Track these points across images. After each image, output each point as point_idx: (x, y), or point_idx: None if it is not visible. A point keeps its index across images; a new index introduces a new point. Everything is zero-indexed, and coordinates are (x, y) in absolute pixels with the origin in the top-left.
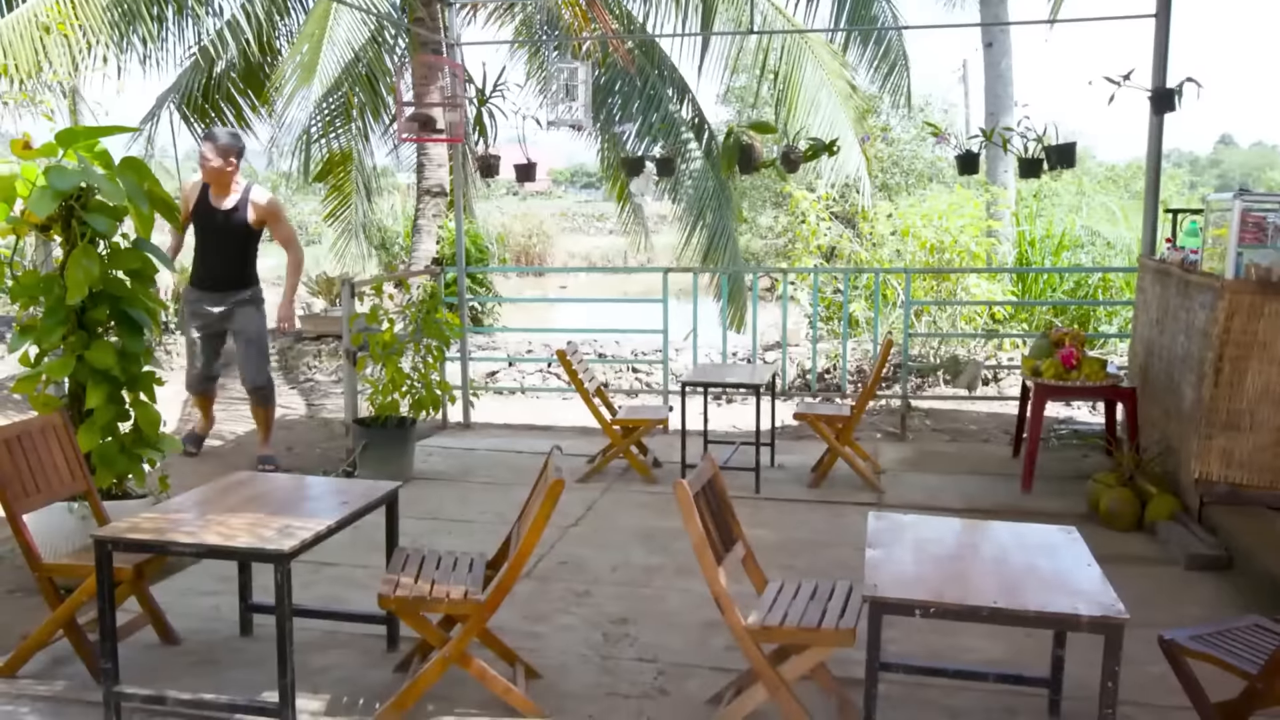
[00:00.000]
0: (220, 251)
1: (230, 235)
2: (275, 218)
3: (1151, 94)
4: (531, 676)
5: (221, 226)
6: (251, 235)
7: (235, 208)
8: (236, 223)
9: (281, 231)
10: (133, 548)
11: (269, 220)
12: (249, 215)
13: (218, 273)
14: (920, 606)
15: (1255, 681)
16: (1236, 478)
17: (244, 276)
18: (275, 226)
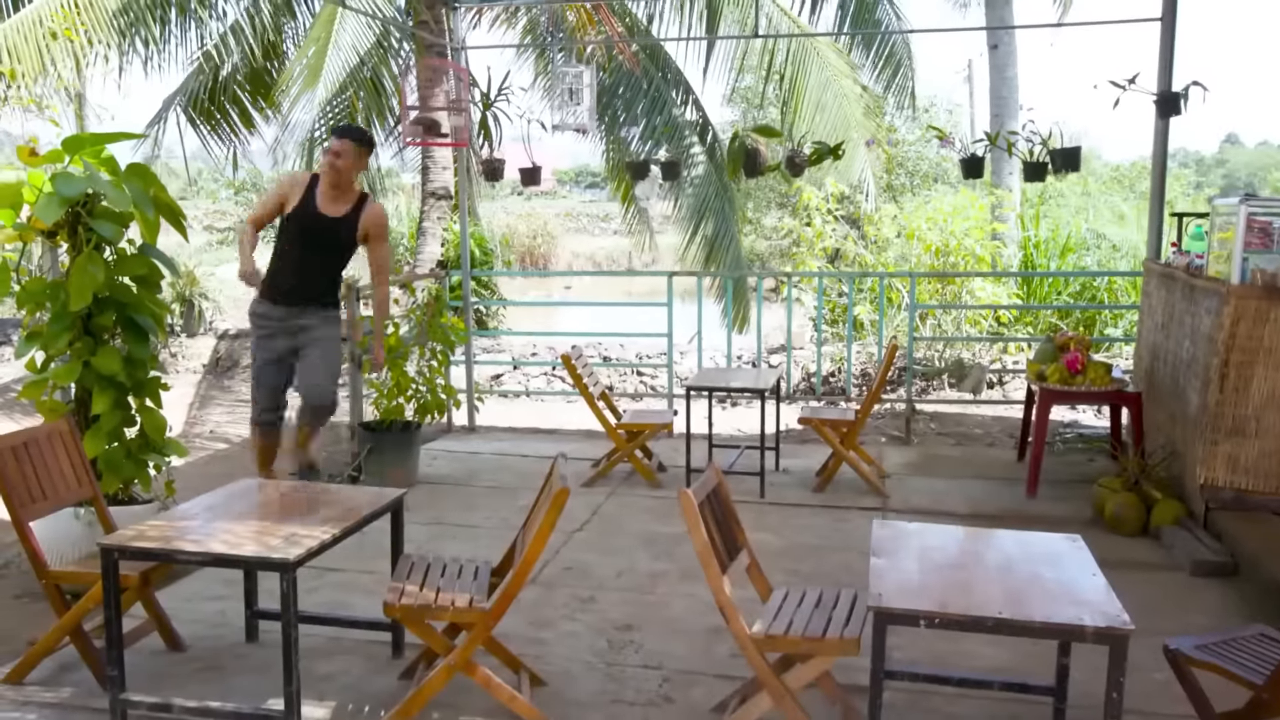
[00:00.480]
0: (314, 263)
1: (333, 247)
2: (381, 237)
3: (1157, 98)
4: (536, 684)
5: (325, 235)
6: (348, 251)
7: (346, 216)
8: (344, 234)
9: (380, 254)
10: (139, 556)
11: (375, 238)
12: (359, 229)
13: (304, 286)
14: (925, 617)
15: (1261, 692)
16: (1242, 483)
17: (331, 293)
18: (377, 246)
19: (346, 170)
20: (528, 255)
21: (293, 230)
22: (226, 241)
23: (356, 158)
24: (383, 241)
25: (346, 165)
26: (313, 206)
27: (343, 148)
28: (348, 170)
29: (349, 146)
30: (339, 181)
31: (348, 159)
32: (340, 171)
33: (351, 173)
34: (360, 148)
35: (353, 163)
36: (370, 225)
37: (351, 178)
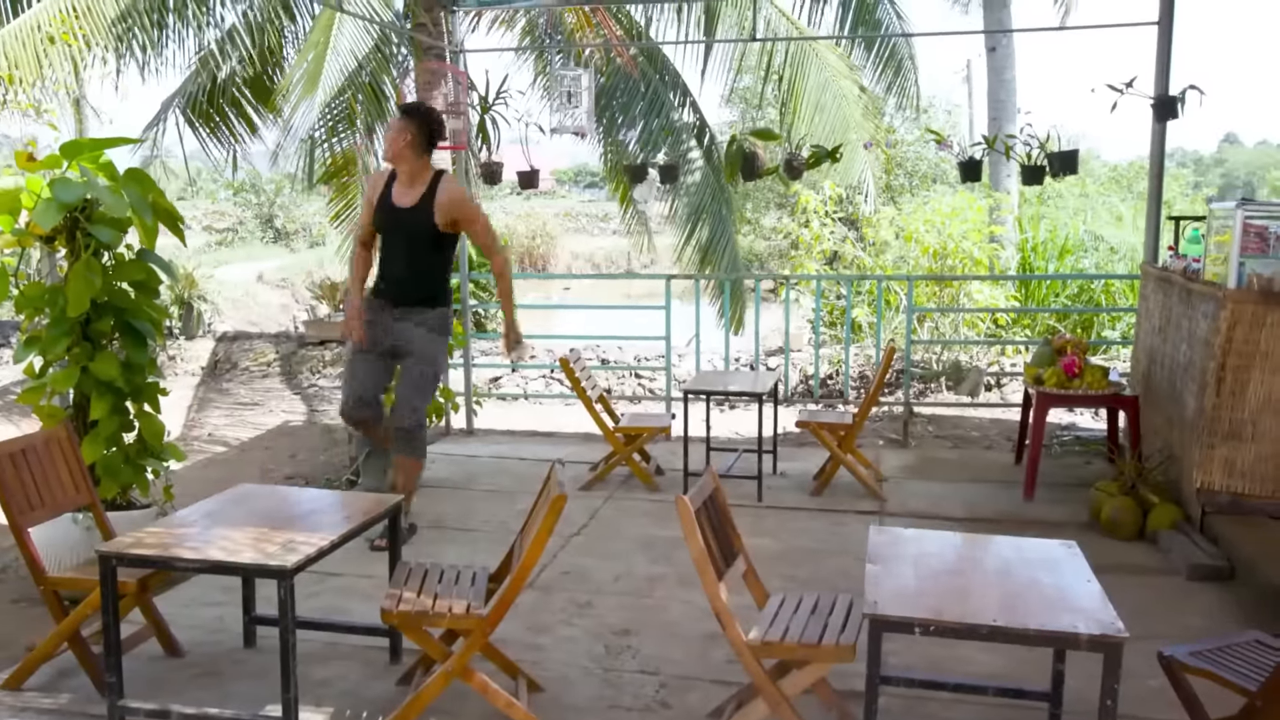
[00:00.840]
0: (402, 258)
1: (416, 240)
2: (467, 215)
3: (1154, 101)
4: (534, 689)
5: (404, 229)
6: (440, 241)
7: (419, 205)
8: (422, 224)
9: (477, 233)
10: (137, 563)
11: (461, 221)
12: (435, 215)
13: (399, 286)
14: (920, 624)
15: (1255, 699)
16: (1239, 487)
17: (429, 293)
18: (469, 228)
19: (395, 146)
20: (527, 256)
21: (380, 228)
22: (226, 242)
23: (400, 131)
24: (473, 221)
25: (391, 139)
26: (388, 200)
27: (390, 124)
28: (396, 146)
29: (393, 121)
30: (397, 162)
31: (391, 133)
32: (391, 149)
33: (406, 150)
34: (405, 119)
35: (397, 136)
36: (449, 210)
37: (411, 155)
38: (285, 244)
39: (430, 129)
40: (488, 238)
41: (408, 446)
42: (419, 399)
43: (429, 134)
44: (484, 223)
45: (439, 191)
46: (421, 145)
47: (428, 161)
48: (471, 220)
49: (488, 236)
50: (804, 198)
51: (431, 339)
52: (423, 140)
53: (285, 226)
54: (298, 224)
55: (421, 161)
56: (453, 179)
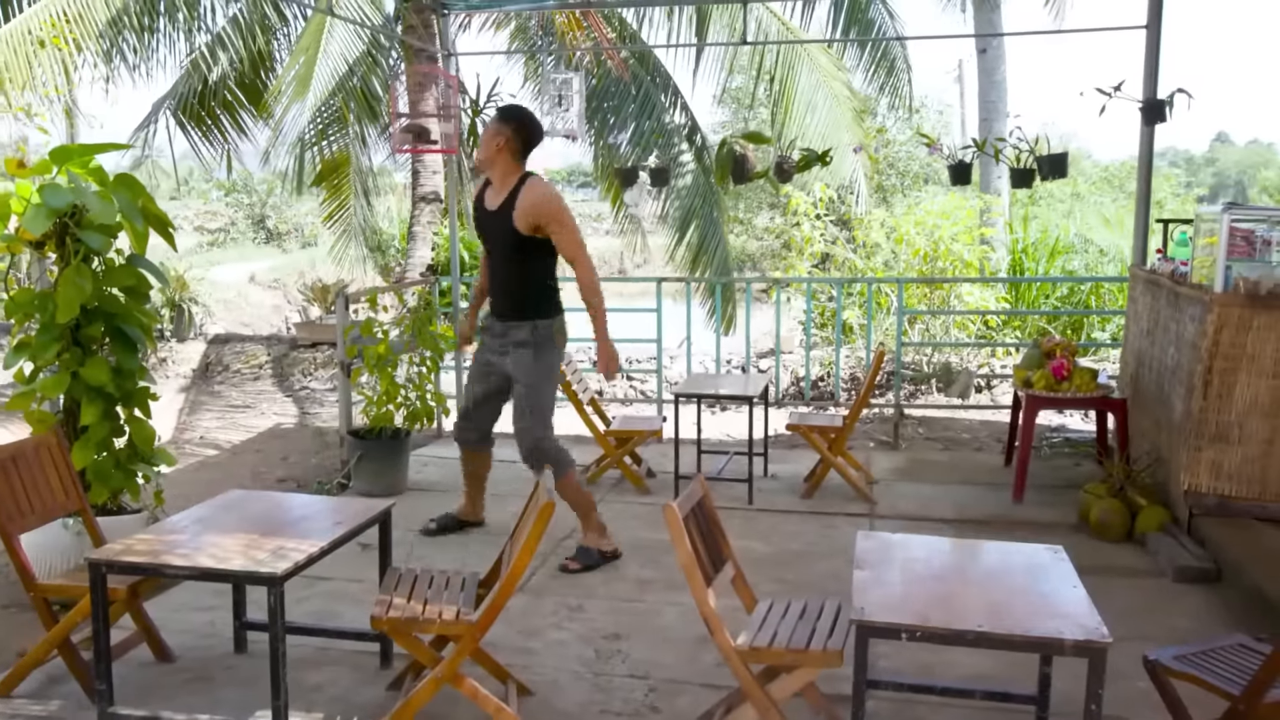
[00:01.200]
0: (495, 269)
1: (503, 245)
2: (552, 219)
3: (1142, 105)
4: (524, 694)
5: (493, 233)
6: (525, 248)
7: (502, 207)
8: (505, 227)
9: (563, 240)
10: (127, 570)
11: (546, 224)
12: (516, 219)
13: (495, 297)
14: (906, 630)
15: (1238, 703)
16: (1226, 489)
17: (520, 306)
18: (555, 232)
19: (487, 150)
20: None
21: (478, 236)
22: (218, 243)
23: (494, 135)
24: (560, 225)
25: (484, 143)
26: (480, 204)
27: (486, 127)
28: (489, 150)
29: (488, 124)
30: (488, 167)
31: (485, 137)
32: (484, 153)
33: (499, 154)
34: (500, 123)
35: (491, 140)
36: (530, 212)
37: (502, 160)
38: (277, 244)
39: (526, 133)
40: (573, 247)
41: (540, 466)
42: (524, 421)
43: (525, 138)
44: (570, 229)
45: (521, 193)
46: (516, 149)
47: (520, 166)
48: (557, 225)
49: (573, 246)
50: (794, 199)
51: (524, 355)
52: (518, 144)
53: (277, 227)
54: (290, 224)
55: (513, 166)
56: (540, 180)
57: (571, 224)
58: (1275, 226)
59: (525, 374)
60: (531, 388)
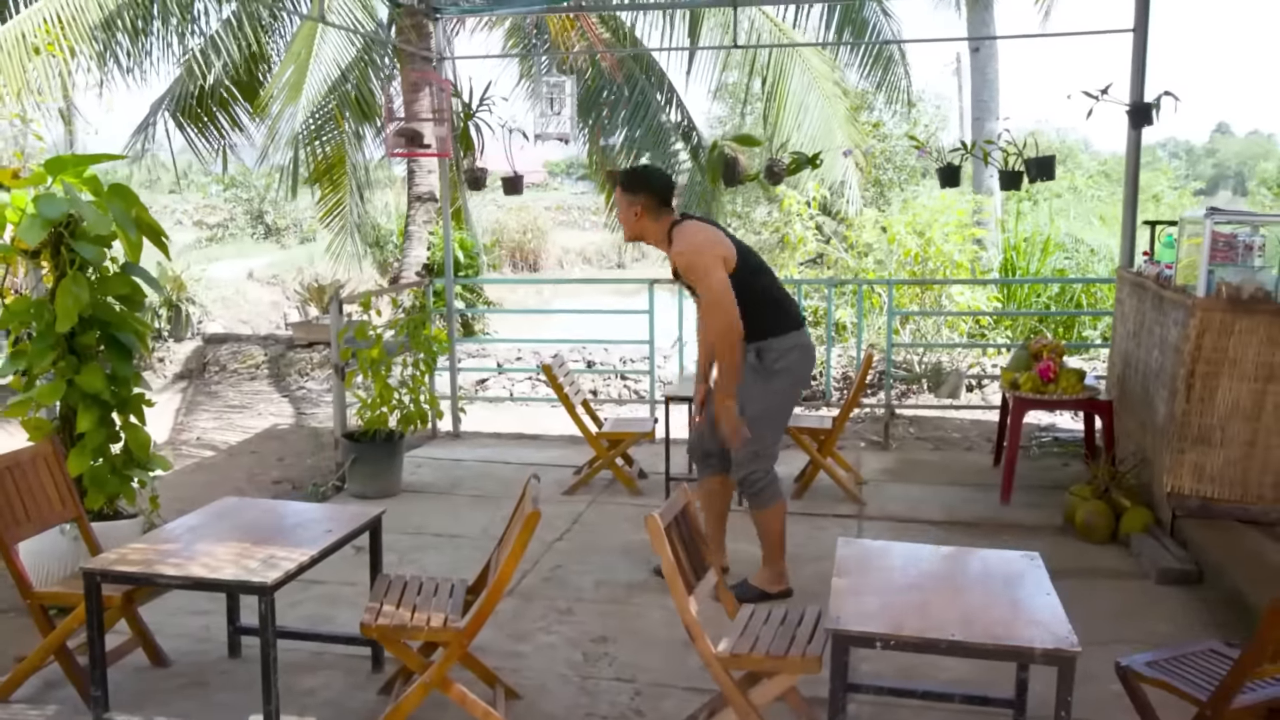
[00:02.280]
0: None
1: (695, 295)
2: (692, 269)
3: (1129, 108)
4: (512, 697)
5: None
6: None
7: (673, 265)
8: (684, 282)
9: (702, 292)
10: (121, 580)
11: (685, 272)
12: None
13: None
14: (881, 639)
15: (1205, 709)
16: (1208, 491)
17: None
18: (692, 281)
19: (630, 226)
20: (518, 251)
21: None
22: (216, 239)
23: (628, 207)
24: (695, 275)
25: (623, 219)
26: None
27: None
28: (631, 225)
29: (617, 197)
30: (640, 240)
31: (620, 211)
32: (630, 230)
33: (638, 224)
34: (628, 194)
35: (627, 213)
36: (679, 266)
37: (648, 226)
38: (276, 240)
39: (654, 189)
40: (711, 302)
41: (750, 494)
42: (739, 451)
43: (656, 195)
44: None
45: (673, 244)
46: (654, 208)
47: (667, 220)
48: (693, 271)
49: (711, 300)
50: (787, 199)
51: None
52: (653, 204)
53: (276, 222)
54: (288, 220)
55: (661, 225)
56: (682, 232)
57: (706, 275)
58: (1257, 232)
59: (747, 393)
60: (752, 405)
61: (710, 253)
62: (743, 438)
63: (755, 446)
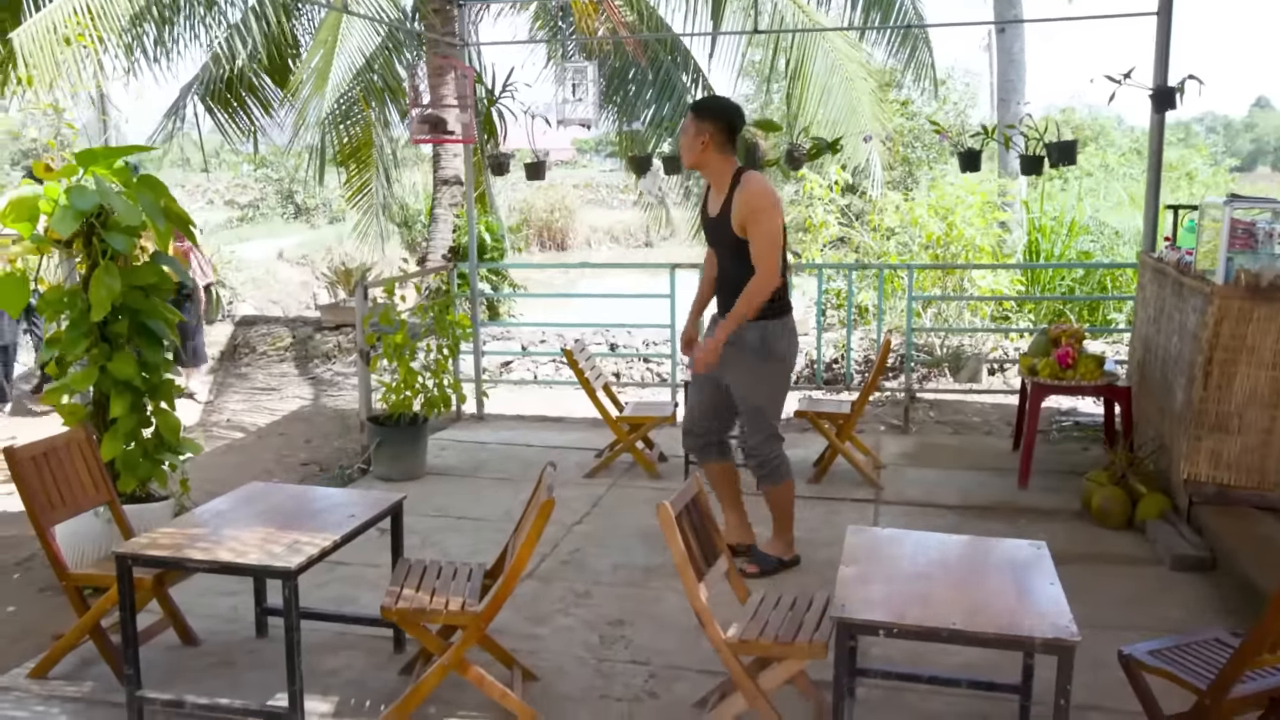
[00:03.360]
0: (723, 271)
1: (725, 250)
2: (750, 217)
3: (1152, 92)
4: (529, 679)
5: (718, 240)
6: (744, 249)
7: (722, 211)
8: (726, 233)
9: (756, 240)
10: (151, 564)
11: (747, 223)
12: (733, 224)
13: (721, 299)
14: (884, 627)
15: (1204, 698)
16: (1224, 478)
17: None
18: (751, 230)
19: (693, 153)
20: (545, 230)
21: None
22: (247, 218)
23: (695, 135)
24: (759, 222)
25: (687, 145)
26: (705, 209)
27: (688, 126)
28: (694, 153)
29: (685, 124)
30: (699, 169)
31: (686, 138)
32: (690, 157)
33: (706, 154)
34: (698, 120)
35: (694, 141)
36: (741, 210)
37: (712, 159)
38: (306, 220)
39: (728, 121)
40: (761, 250)
41: (758, 474)
42: (750, 429)
43: (728, 127)
44: (765, 232)
45: (738, 192)
46: (722, 141)
47: (732, 159)
48: (754, 224)
49: (761, 249)
50: (809, 183)
51: (743, 358)
52: (722, 136)
53: (305, 202)
54: (318, 199)
55: (727, 161)
56: (755, 177)
57: (769, 227)
58: (1277, 219)
59: (742, 379)
60: (747, 391)
61: (778, 206)
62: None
63: (765, 431)
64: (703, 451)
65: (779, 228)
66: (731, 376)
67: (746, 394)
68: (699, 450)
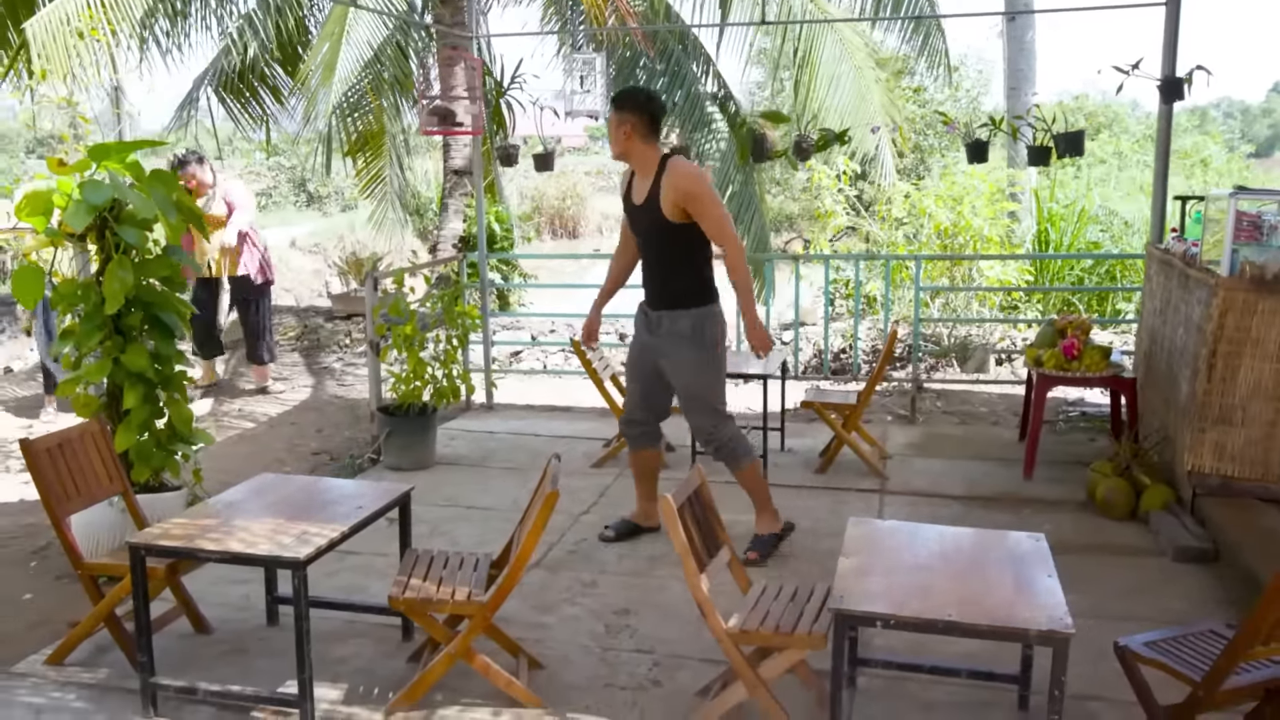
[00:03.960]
0: (649, 259)
1: (653, 237)
2: (692, 199)
3: (1160, 83)
4: (534, 667)
5: (644, 227)
6: (675, 235)
7: (649, 198)
8: (655, 221)
9: (707, 220)
10: (164, 554)
11: (689, 205)
12: (663, 208)
13: (649, 287)
14: (881, 619)
15: (1198, 689)
16: (1228, 470)
17: (676, 294)
18: (697, 212)
19: (619, 143)
20: (557, 218)
21: (629, 228)
22: (260, 206)
23: (618, 125)
24: (703, 203)
25: (612, 136)
26: (629, 197)
27: (614, 119)
28: (620, 143)
29: (610, 116)
30: (625, 158)
31: (611, 129)
32: (616, 147)
33: (630, 143)
34: (620, 112)
35: (617, 131)
36: (674, 195)
37: (635, 148)
38: (318, 208)
39: (649, 112)
40: (718, 226)
41: (722, 458)
42: (697, 416)
43: (650, 117)
44: (713, 207)
45: (664, 180)
46: (644, 132)
47: (656, 147)
48: (698, 205)
49: (717, 225)
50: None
51: (683, 346)
52: (644, 127)
53: (318, 190)
54: (330, 187)
55: (651, 149)
56: (681, 161)
57: (714, 201)
58: None
59: (685, 369)
60: (696, 378)
61: (715, 191)
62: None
63: (710, 405)
64: (639, 440)
65: (721, 203)
66: (676, 366)
67: (688, 382)
68: (636, 439)
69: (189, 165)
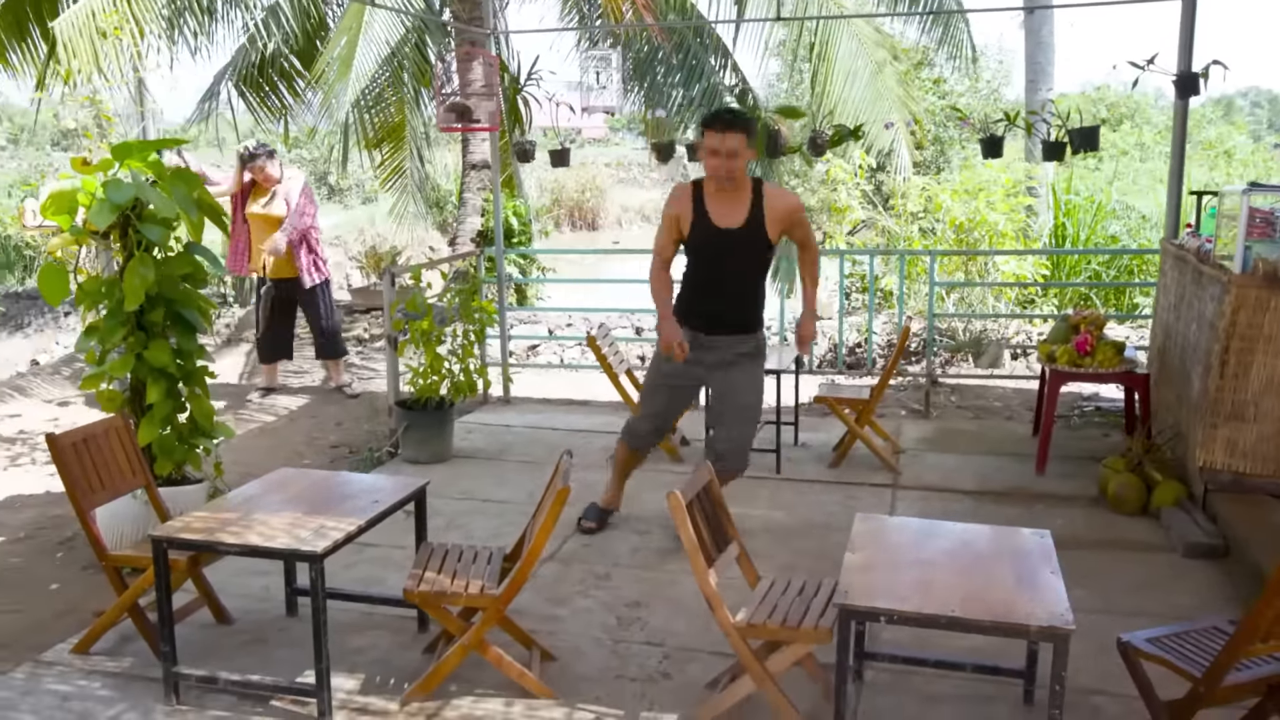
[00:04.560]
0: (727, 283)
1: (745, 262)
2: (801, 217)
3: (1176, 78)
4: (547, 659)
5: (734, 250)
6: (767, 257)
7: (747, 224)
8: (755, 244)
9: (804, 229)
10: (185, 547)
11: (793, 232)
12: (768, 230)
13: (717, 310)
14: (885, 614)
15: (1198, 685)
16: (1240, 467)
17: (753, 317)
18: (798, 238)
19: (739, 171)
20: (576, 210)
21: (696, 251)
22: None
23: (737, 153)
24: (805, 226)
25: (731, 165)
26: (707, 221)
27: (735, 145)
28: (739, 170)
29: (740, 142)
30: (721, 174)
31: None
32: (734, 175)
33: (741, 172)
34: (744, 138)
35: (734, 160)
36: (787, 221)
37: (742, 170)
38: (339, 200)
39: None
40: (811, 237)
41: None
42: (746, 427)
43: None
44: (811, 234)
45: (767, 204)
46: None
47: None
48: (802, 224)
49: (811, 235)
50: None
51: (748, 365)
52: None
53: (339, 183)
54: (351, 180)
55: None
56: (773, 185)
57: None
58: None
59: (753, 385)
60: (755, 394)
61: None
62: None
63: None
64: (644, 445)
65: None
66: (743, 385)
67: (747, 400)
68: (642, 444)
69: (259, 159)
